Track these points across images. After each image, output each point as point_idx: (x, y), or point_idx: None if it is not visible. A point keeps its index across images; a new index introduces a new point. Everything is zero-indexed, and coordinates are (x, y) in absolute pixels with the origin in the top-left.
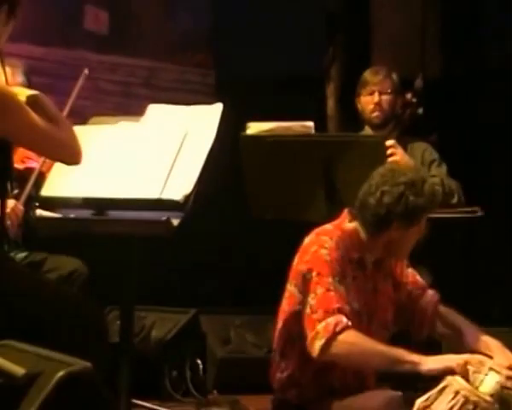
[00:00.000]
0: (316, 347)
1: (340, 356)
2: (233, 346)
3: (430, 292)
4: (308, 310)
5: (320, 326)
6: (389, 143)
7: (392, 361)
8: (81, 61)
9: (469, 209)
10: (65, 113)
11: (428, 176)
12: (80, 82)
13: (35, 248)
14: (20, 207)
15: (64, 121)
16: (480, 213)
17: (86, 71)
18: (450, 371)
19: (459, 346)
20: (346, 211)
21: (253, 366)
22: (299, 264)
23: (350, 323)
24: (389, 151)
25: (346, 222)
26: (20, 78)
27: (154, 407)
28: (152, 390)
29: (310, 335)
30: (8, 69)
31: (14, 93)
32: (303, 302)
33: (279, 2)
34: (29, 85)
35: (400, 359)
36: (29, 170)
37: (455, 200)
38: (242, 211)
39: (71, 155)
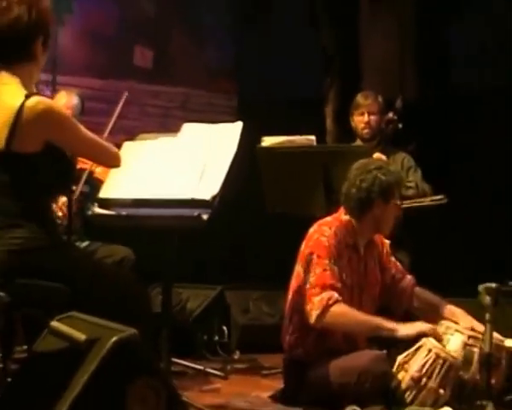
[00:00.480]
0: (313, 316)
1: (331, 324)
2: (251, 315)
3: (409, 277)
4: (308, 285)
5: (316, 299)
6: (376, 155)
7: (373, 329)
8: (131, 91)
9: (438, 197)
10: (109, 127)
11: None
12: (122, 102)
13: (94, 238)
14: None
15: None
16: (446, 200)
17: (126, 93)
18: (423, 335)
19: (432, 316)
20: (342, 207)
21: (268, 331)
22: (304, 248)
23: (340, 298)
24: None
25: (343, 215)
26: (75, 100)
27: (189, 364)
28: (187, 351)
29: (308, 306)
30: (64, 93)
31: (68, 114)
32: (305, 279)
33: (286, 45)
34: (83, 107)
35: (379, 327)
36: (80, 171)
37: (427, 200)
38: (260, 208)
39: (111, 159)
